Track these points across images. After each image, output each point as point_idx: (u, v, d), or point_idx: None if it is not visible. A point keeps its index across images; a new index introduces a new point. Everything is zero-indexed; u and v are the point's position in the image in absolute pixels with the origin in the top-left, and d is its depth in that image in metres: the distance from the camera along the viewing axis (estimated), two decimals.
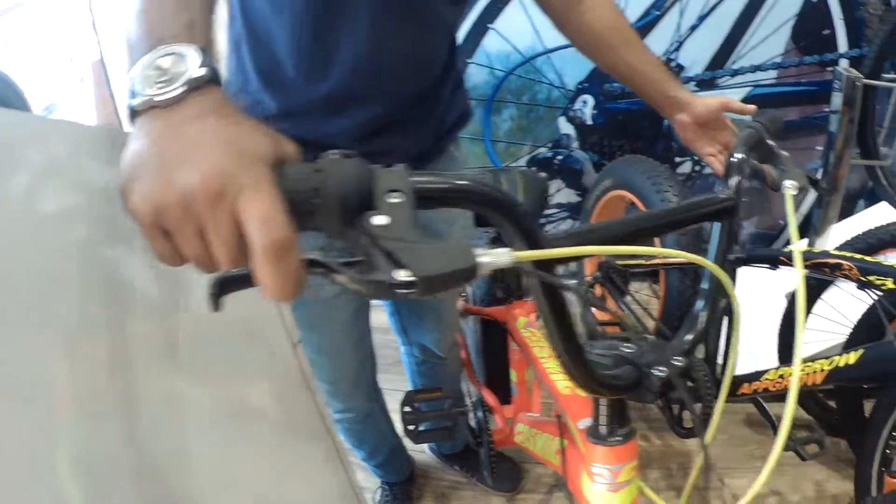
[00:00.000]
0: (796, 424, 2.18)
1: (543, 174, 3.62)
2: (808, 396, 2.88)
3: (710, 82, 3.55)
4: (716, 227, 1.17)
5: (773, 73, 3.53)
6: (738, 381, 2.13)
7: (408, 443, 2.57)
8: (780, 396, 2.54)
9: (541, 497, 2.76)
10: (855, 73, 2.92)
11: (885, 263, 1.77)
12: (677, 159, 3.74)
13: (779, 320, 2.74)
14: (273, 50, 1.41)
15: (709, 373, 2.12)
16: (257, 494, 1.42)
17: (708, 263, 1.06)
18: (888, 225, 2.47)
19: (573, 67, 3.49)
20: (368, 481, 2.74)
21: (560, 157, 3.73)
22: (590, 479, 1.17)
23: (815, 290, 2.57)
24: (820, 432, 2.15)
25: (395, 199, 0.71)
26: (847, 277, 1.84)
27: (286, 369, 1.58)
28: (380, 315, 2.28)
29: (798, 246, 1.09)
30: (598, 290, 2.92)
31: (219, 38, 1.01)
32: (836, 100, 2.95)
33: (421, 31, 1.48)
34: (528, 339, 2.03)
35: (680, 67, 3.51)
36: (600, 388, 1.04)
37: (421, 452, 2.97)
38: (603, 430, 1.15)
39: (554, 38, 3.20)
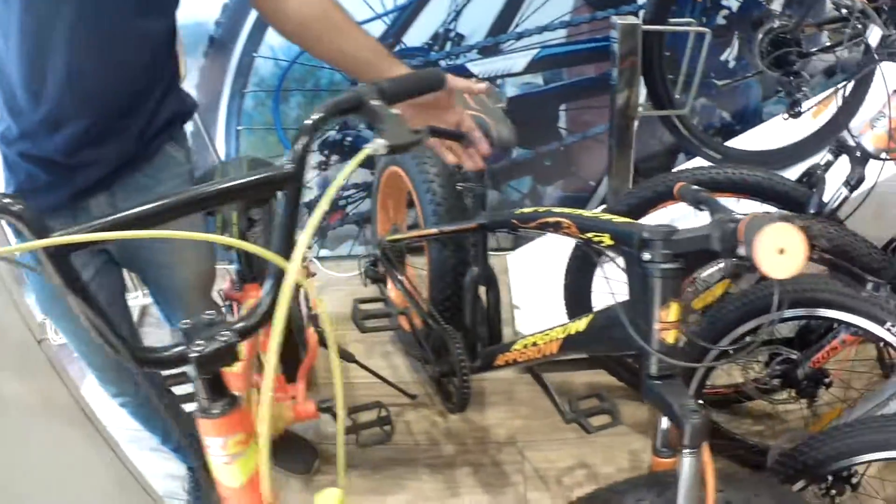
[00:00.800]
0: (586, 394, 2.19)
1: (272, 160, 3.38)
2: (614, 361, 2.72)
3: (494, 48, 3.31)
4: (281, 201, 1.07)
5: (562, 32, 3.30)
6: (495, 352, 2.05)
7: None
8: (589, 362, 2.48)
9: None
10: (632, 20, 2.72)
11: (602, 218, 1.55)
12: None
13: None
14: (10, 83, 1.55)
15: (464, 345, 2.16)
16: (17, 477, 1.54)
17: (255, 248, 0.99)
18: (664, 176, 2.26)
19: None
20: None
21: (350, 139, 3.53)
22: (208, 453, 1.14)
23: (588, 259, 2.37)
24: (610, 402, 2.14)
25: None
26: (570, 235, 1.58)
27: (35, 361, 1.71)
28: None
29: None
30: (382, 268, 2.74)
31: None
32: (615, 50, 2.74)
33: (119, 52, 1.55)
34: None
35: (460, 37, 3.27)
36: (139, 362, 1.03)
37: None
38: (204, 403, 1.09)
39: None
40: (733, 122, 3.60)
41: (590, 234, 1.54)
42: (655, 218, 2.30)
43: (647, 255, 1.36)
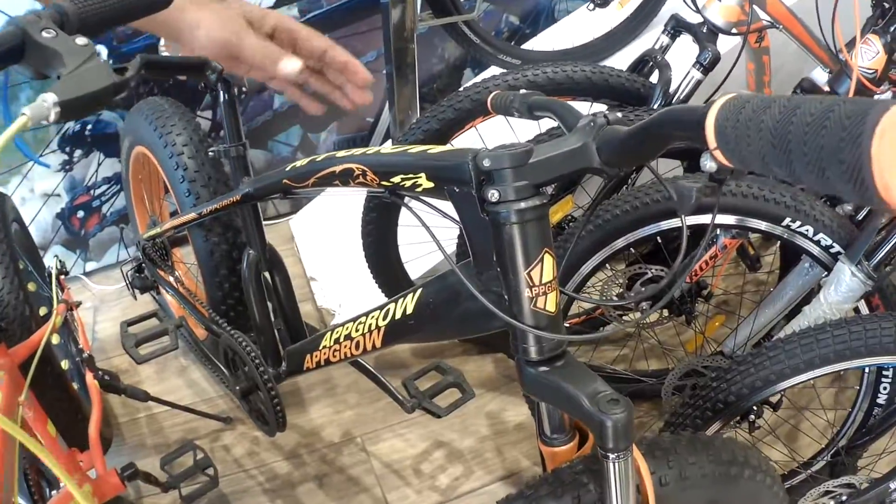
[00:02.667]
0: (420, 368, 1.91)
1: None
2: None
3: None
4: None
5: None
6: (301, 351, 1.59)
7: None
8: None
9: None
10: None
11: (411, 151, 1.03)
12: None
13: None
14: None
15: (259, 354, 1.72)
16: None
17: None
18: (466, 90, 1.87)
19: None
20: None
21: (90, 127, 2.96)
22: None
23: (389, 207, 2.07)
24: (452, 371, 1.85)
25: None
26: (366, 185, 1.12)
27: None
28: None
29: None
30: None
31: None
32: None
33: None
34: None
35: None
36: None
37: None
38: None
39: None
40: (523, 26, 3.30)
41: (396, 179, 1.02)
42: (462, 143, 1.92)
43: (494, 194, 0.86)
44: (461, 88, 1.86)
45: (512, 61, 2.67)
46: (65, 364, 1.95)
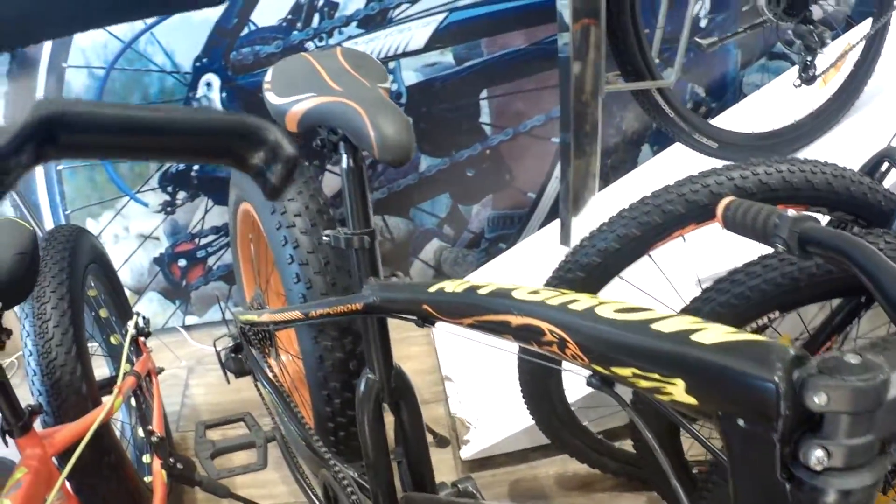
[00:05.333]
0: None
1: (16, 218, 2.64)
2: (586, 445, 1.95)
3: (380, 18, 2.51)
4: None
5: None
6: None
7: None
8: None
9: None
10: None
11: (655, 330, 0.59)
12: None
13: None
14: None
15: (372, 492, 1.34)
16: None
17: None
18: (679, 185, 1.49)
19: (185, 40, 2.53)
20: None
21: (197, 167, 2.73)
22: None
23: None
24: None
25: None
26: (564, 359, 0.70)
27: None
28: None
29: None
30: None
31: None
32: (565, 11, 1.97)
33: None
34: None
35: (331, 5, 2.49)
36: None
37: None
38: None
39: None
40: (709, 99, 2.95)
41: (624, 371, 0.60)
42: (664, 256, 1.58)
43: (817, 455, 0.48)
44: (669, 184, 1.49)
45: (707, 142, 2.30)
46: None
